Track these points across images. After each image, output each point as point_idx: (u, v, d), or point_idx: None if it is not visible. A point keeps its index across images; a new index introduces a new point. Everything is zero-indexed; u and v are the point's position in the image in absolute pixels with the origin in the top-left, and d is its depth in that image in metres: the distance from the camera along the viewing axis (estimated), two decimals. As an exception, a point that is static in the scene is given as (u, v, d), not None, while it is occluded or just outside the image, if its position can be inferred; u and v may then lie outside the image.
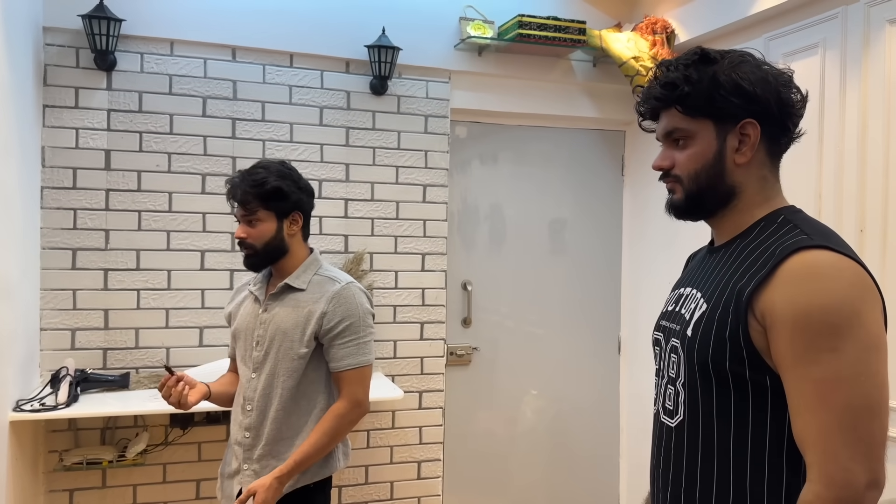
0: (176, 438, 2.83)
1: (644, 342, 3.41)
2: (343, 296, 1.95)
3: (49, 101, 2.69)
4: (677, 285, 1.31)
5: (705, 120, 1.14)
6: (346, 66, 3.05)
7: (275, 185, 1.92)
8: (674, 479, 1.16)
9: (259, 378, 1.96)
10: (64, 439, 2.73)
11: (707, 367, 1.09)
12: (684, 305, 1.20)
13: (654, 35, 3.08)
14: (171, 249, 2.83)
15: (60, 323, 2.71)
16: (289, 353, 1.93)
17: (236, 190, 1.93)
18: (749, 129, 1.13)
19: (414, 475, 3.19)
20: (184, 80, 2.83)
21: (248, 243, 1.94)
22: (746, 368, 1.05)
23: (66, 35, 2.70)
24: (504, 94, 3.29)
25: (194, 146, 2.85)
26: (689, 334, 1.13)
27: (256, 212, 1.91)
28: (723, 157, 1.14)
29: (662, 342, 1.24)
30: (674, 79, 1.15)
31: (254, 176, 1.92)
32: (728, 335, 1.06)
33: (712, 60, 1.14)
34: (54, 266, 2.71)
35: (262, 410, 1.95)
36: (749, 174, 1.15)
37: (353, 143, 3.06)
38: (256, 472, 1.95)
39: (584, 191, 3.51)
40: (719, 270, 1.15)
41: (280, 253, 1.97)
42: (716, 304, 1.10)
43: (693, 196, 1.18)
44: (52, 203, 2.70)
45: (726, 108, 1.12)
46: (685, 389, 1.14)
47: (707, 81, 1.13)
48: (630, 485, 3.55)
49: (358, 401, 1.95)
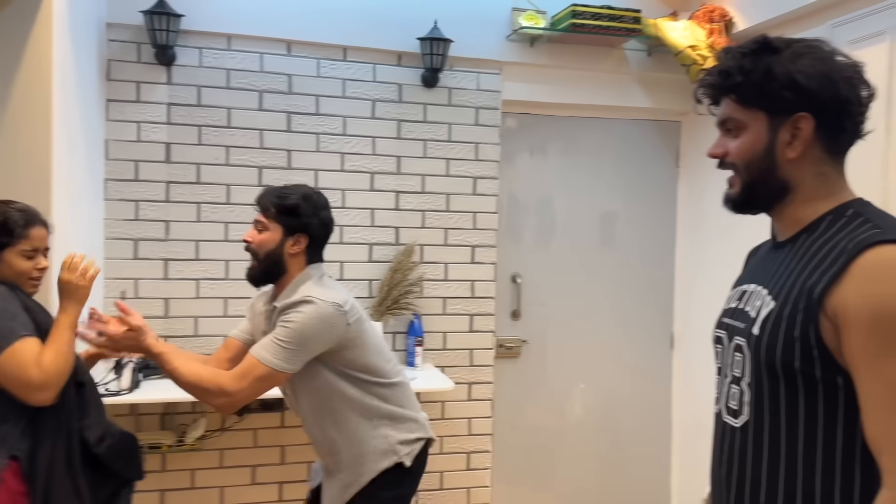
0: (232, 424, 2.90)
1: (698, 338, 3.35)
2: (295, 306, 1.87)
3: (112, 96, 2.78)
4: (740, 282, 1.27)
5: (758, 111, 1.12)
6: (399, 59, 3.06)
7: (294, 201, 1.94)
8: (738, 481, 1.14)
9: (291, 396, 2.05)
10: (126, 424, 2.81)
11: (775, 367, 1.07)
12: (749, 303, 1.17)
13: (712, 23, 3.00)
14: (228, 240, 2.89)
15: (123, 311, 2.80)
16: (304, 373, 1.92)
17: (262, 195, 2.00)
18: (802, 124, 1.09)
19: (463, 466, 3.21)
20: (241, 74, 2.89)
21: (252, 250, 1.96)
22: (817, 368, 1.02)
23: (128, 31, 2.78)
24: (555, 85, 3.26)
25: (251, 139, 2.91)
26: (756, 333, 1.10)
27: (270, 221, 1.95)
28: (773, 151, 1.11)
29: (725, 340, 1.21)
30: (729, 67, 1.13)
31: (282, 190, 1.99)
32: (798, 334, 1.03)
33: (772, 50, 1.11)
34: (117, 256, 2.79)
35: (307, 426, 2.04)
36: (803, 169, 1.11)
37: (404, 135, 3.08)
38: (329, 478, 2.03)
39: (636, 182, 3.46)
40: (786, 267, 1.12)
41: (278, 271, 1.96)
42: (784, 302, 1.07)
43: (748, 188, 1.16)
44: (115, 195, 2.79)
45: (779, 101, 1.09)
46: (751, 389, 1.12)
47: (761, 73, 1.09)
48: (682, 483, 3.51)
49: (228, 387, 1.83)
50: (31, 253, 1.75)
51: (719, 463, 1.19)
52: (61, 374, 1.66)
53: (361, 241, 3.04)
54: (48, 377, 1.63)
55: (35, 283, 1.78)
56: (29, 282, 1.76)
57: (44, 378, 1.62)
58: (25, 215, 1.76)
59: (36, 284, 1.79)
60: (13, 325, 1.63)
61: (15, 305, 1.67)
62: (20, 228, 1.73)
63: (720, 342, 1.24)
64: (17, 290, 1.73)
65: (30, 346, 1.63)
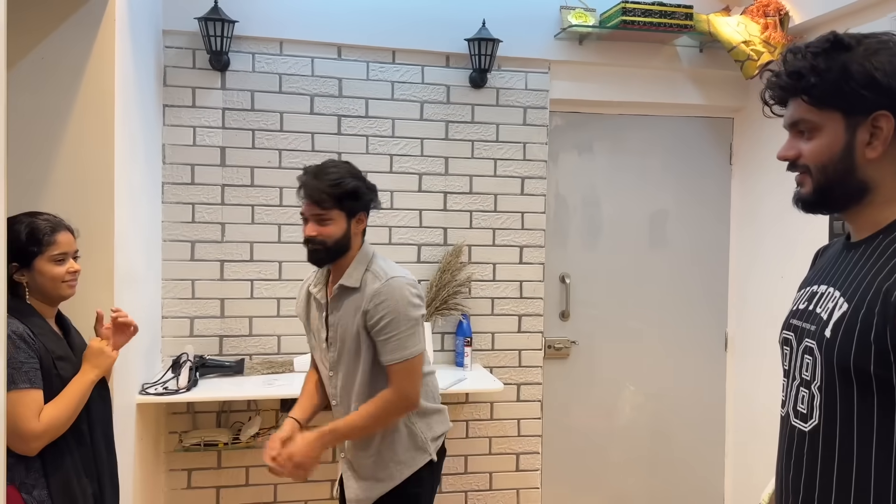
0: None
1: (753, 340, 3.28)
2: (382, 293, 1.93)
3: (168, 101, 2.85)
4: (808, 282, 1.24)
5: (834, 112, 1.08)
6: (447, 61, 3.07)
7: (352, 185, 1.93)
8: (806, 485, 1.11)
9: (336, 376, 2.05)
10: (183, 421, 2.90)
11: (849, 371, 1.03)
12: (820, 304, 1.13)
13: (766, 18, 2.94)
14: (281, 242, 2.94)
15: (180, 311, 2.88)
16: (354, 351, 1.99)
17: (311, 188, 1.92)
18: (882, 122, 1.05)
19: (512, 467, 3.20)
20: (293, 78, 2.93)
21: (319, 240, 1.95)
22: (894, 373, 0.99)
23: (183, 37, 2.85)
24: (604, 83, 3.23)
25: (303, 143, 2.95)
26: (829, 335, 1.07)
27: (330, 210, 1.92)
28: (852, 151, 1.08)
29: (794, 342, 1.18)
30: (800, 67, 1.09)
31: (329, 175, 1.92)
32: (873, 338, 1.00)
33: (846, 47, 1.07)
34: (174, 258, 2.87)
35: (346, 405, 2.04)
36: (883, 169, 1.08)
37: (452, 136, 3.09)
38: (351, 462, 2.06)
39: (688, 181, 3.41)
40: (861, 268, 1.08)
41: (345, 251, 1.98)
42: (858, 305, 1.04)
43: (822, 189, 1.12)
44: (172, 198, 2.86)
45: (856, 100, 1.06)
46: (821, 393, 1.09)
47: (837, 71, 1.06)
48: (736, 486, 3.44)
49: (405, 394, 1.95)
50: (61, 257, 1.78)
51: (786, 467, 1.16)
52: (58, 429, 1.69)
53: (410, 241, 3.06)
54: (45, 430, 1.66)
55: (70, 285, 1.81)
56: (63, 285, 1.79)
57: (41, 430, 1.65)
58: (50, 223, 1.79)
59: (72, 286, 1.82)
60: (16, 374, 1.64)
61: (23, 354, 1.67)
62: (47, 236, 1.76)
63: (788, 344, 1.21)
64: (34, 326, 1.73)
65: (30, 398, 1.65)
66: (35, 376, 1.68)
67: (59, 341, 1.81)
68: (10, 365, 1.63)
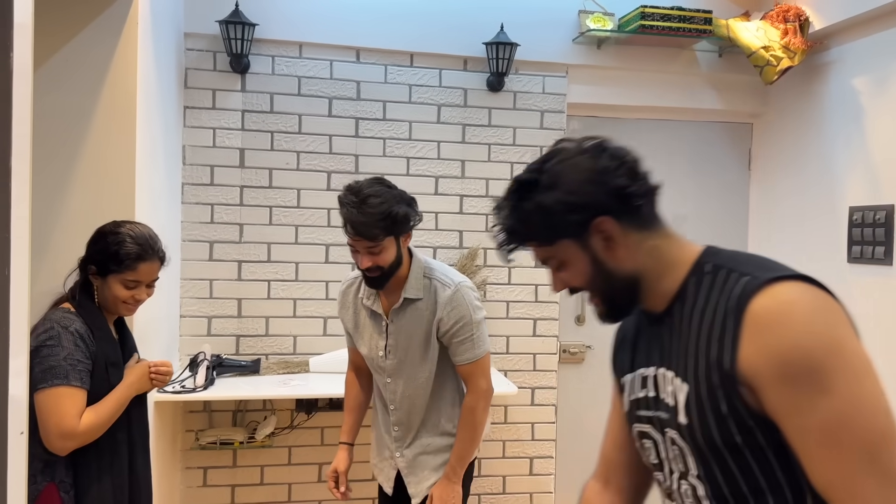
0: (301, 423, 2.97)
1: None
2: (455, 300, 2.01)
3: (189, 103, 2.88)
4: (631, 367, 1.18)
5: (562, 241, 1.07)
6: (464, 64, 3.08)
7: (402, 213, 1.90)
8: None
9: (396, 383, 2.09)
10: (199, 420, 2.92)
11: (718, 449, 0.99)
12: (661, 389, 1.09)
13: (786, 23, 2.92)
14: (298, 243, 2.97)
15: (198, 311, 2.91)
16: (420, 359, 2.06)
17: (360, 226, 1.87)
18: (603, 227, 1.04)
19: (526, 471, 3.20)
20: (311, 81, 2.96)
21: (375, 268, 1.93)
22: (758, 436, 0.96)
23: (204, 40, 2.88)
24: (622, 87, 3.22)
25: (321, 145, 2.97)
26: (684, 421, 1.02)
27: (382, 242, 1.90)
28: (600, 262, 1.06)
29: (656, 434, 1.11)
30: (510, 226, 1.09)
31: (375, 207, 1.86)
32: (726, 410, 0.96)
33: (530, 187, 1.06)
34: (193, 257, 2.90)
35: (406, 409, 2.11)
36: (635, 258, 1.07)
37: (468, 139, 3.10)
38: (409, 459, 2.13)
39: (706, 186, 3.39)
40: (677, 343, 1.05)
41: (398, 267, 1.98)
42: (698, 382, 1.00)
43: (609, 300, 1.11)
44: (192, 198, 2.89)
45: (570, 225, 1.05)
46: (703, 482, 1.04)
47: (538, 213, 1.05)
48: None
49: (483, 389, 2.07)
50: (133, 284, 1.78)
51: None
52: (93, 435, 1.70)
53: (426, 244, 3.07)
54: (83, 433, 1.67)
55: (130, 308, 1.82)
56: (123, 306, 1.80)
57: (80, 431, 1.66)
58: (141, 249, 1.77)
59: (131, 310, 1.83)
60: (71, 371, 1.66)
61: (80, 353, 1.69)
62: (130, 261, 1.75)
63: (648, 437, 1.13)
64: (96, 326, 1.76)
65: (75, 397, 1.66)
66: (86, 377, 1.70)
67: (115, 347, 1.82)
68: (67, 361, 1.66)
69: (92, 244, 1.79)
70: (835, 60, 2.90)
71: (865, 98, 2.75)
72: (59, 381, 1.64)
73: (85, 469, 1.72)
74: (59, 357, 1.65)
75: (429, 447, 2.12)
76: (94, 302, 1.78)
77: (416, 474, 2.12)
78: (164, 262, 1.85)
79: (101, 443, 1.74)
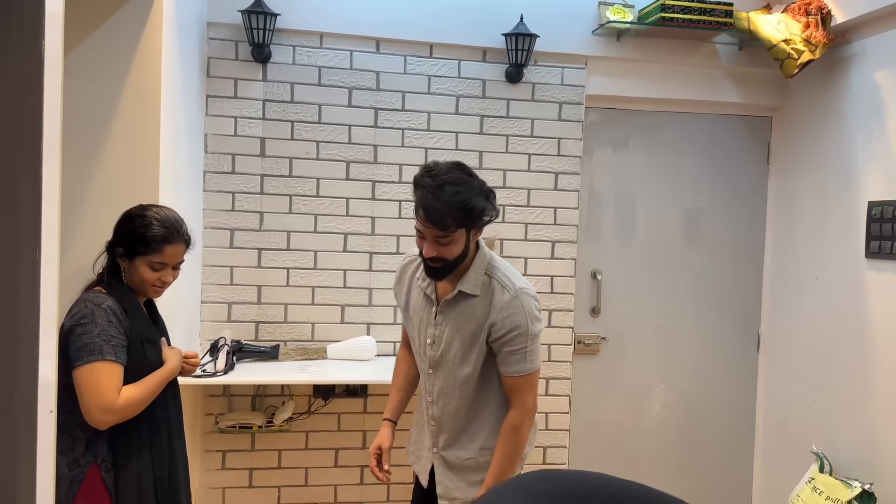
0: (318, 408, 3.02)
1: (786, 340, 3.26)
2: (512, 306, 1.90)
3: (211, 92, 2.92)
4: None
5: None
6: (483, 55, 3.09)
7: (480, 206, 1.83)
8: None
9: (436, 376, 2.03)
10: (219, 404, 2.98)
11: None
12: None
13: (808, 16, 2.90)
14: (317, 231, 3.01)
15: (219, 297, 2.96)
16: (465, 357, 1.97)
17: (434, 214, 1.78)
18: None
19: (540, 460, 3.23)
20: (332, 71, 2.99)
21: (438, 259, 1.86)
22: None
23: (227, 29, 2.92)
24: (642, 80, 3.22)
25: (340, 135, 3.00)
26: None
27: (453, 234, 1.82)
28: None
29: None
30: None
31: (452, 196, 1.77)
32: None
33: None
34: (214, 244, 2.95)
35: (441, 406, 2.03)
36: None
37: (486, 130, 3.11)
38: (444, 459, 2.06)
39: (724, 179, 3.38)
40: None
41: (463, 260, 1.91)
42: None
43: None
44: (213, 186, 2.94)
45: None
46: None
47: None
48: (764, 487, 3.41)
49: (528, 407, 1.96)
50: (159, 266, 1.82)
51: None
52: (132, 411, 1.75)
53: (443, 234, 3.09)
54: (122, 408, 1.72)
55: (157, 290, 1.87)
56: (150, 288, 1.85)
57: (119, 406, 1.71)
58: (167, 232, 1.82)
59: (158, 292, 1.88)
60: (105, 346, 1.71)
61: (114, 328, 1.74)
62: (156, 243, 1.80)
63: None
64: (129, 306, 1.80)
65: (113, 372, 1.71)
66: (121, 353, 1.74)
67: (149, 324, 1.88)
68: (101, 337, 1.71)
69: (119, 227, 1.83)
70: (856, 54, 2.88)
71: (886, 92, 2.73)
72: (94, 357, 1.69)
73: (125, 446, 1.77)
74: (93, 334, 1.71)
75: (468, 461, 2.03)
76: (123, 283, 1.83)
77: (451, 481, 2.05)
78: (189, 246, 1.89)
79: (142, 420, 1.79)
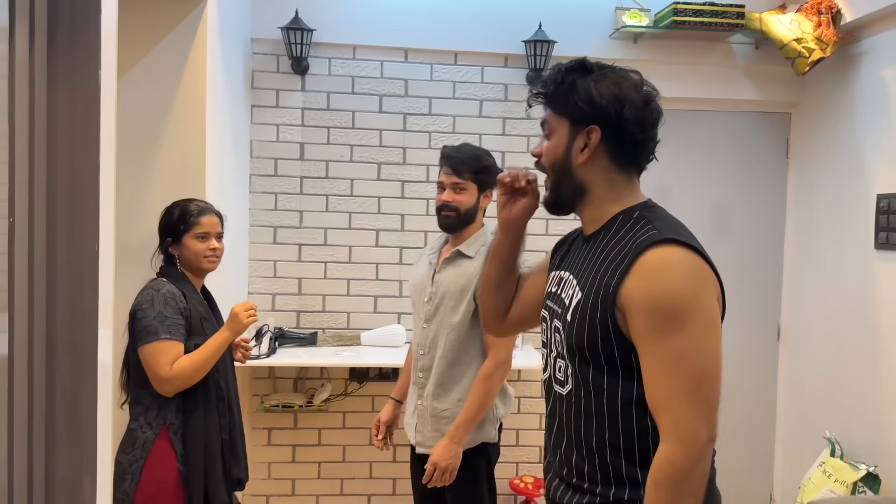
0: (354, 390, 3.28)
1: (806, 330, 3.34)
2: None
3: (255, 102, 3.22)
4: (559, 266, 1.43)
5: (564, 118, 1.31)
6: (505, 61, 3.29)
7: (489, 162, 2.22)
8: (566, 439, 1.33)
9: (429, 328, 2.27)
10: (264, 385, 3.27)
11: (584, 349, 1.26)
12: (564, 289, 1.34)
13: (820, 15, 2.99)
14: (351, 228, 3.27)
15: (264, 288, 3.25)
16: (454, 310, 2.21)
17: (453, 160, 2.19)
18: (592, 134, 1.28)
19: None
20: (364, 80, 3.24)
21: (452, 206, 2.19)
22: (615, 350, 1.23)
23: (268, 44, 3.20)
24: (660, 80, 3.24)
25: (371, 139, 3.26)
26: (569, 319, 1.29)
27: (466, 181, 2.18)
28: (569, 155, 1.30)
29: (548, 321, 1.40)
30: (547, 78, 1.34)
31: (470, 150, 2.21)
32: (599, 321, 1.23)
33: (586, 71, 1.31)
34: (259, 241, 3.24)
35: (431, 356, 2.26)
36: (593, 174, 1.31)
37: (508, 132, 3.31)
38: (425, 409, 2.26)
39: (744, 175, 3.48)
40: (589, 261, 1.31)
41: (471, 221, 2.23)
42: (587, 294, 1.26)
43: (554, 188, 1.35)
44: (258, 188, 3.23)
45: (578, 111, 1.28)
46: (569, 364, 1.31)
47: (567, 85, 1.29)
48: (784, 475, 3.50)
49: (502, 360, 2.17)
50: (203, 235, 2.09)
51: (550, 425, 1.39)
52: (187, 377, 1.99)
53: (470, 229, 3.30)
54: (174, 377, 1.96)
55: (211, 260, 2.12)
56: (205, 260, 2.10)
57: (171, 376, 1.96)
58: (199, 207, 2.12)
59: (213, 262, 2.13)
60: (160, 326, 1.97)
61: (170, 309, 1.99)
62: (193, 217, 2.08)
63: (545, 321, 1.42)
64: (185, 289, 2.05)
65: (167, 347, 1.97)
66: (176, 330, 1.99)
67: (204, 305, 2.14)
68: (157, 319, 1.98)
69: (161, 222, 2.12)
70: (866, 52, 2.96)
71: (894, 89, 2.80)
72: (150, 338, 1.97)
73: (193, 410, 2.02)
74: (150, 317, 1.98)
75: (445, 412, 2.21)
76: (178, 270, 2.10)
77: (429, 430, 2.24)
78: (222, 218, 2.16)
79: (210, 389, 2.04)
